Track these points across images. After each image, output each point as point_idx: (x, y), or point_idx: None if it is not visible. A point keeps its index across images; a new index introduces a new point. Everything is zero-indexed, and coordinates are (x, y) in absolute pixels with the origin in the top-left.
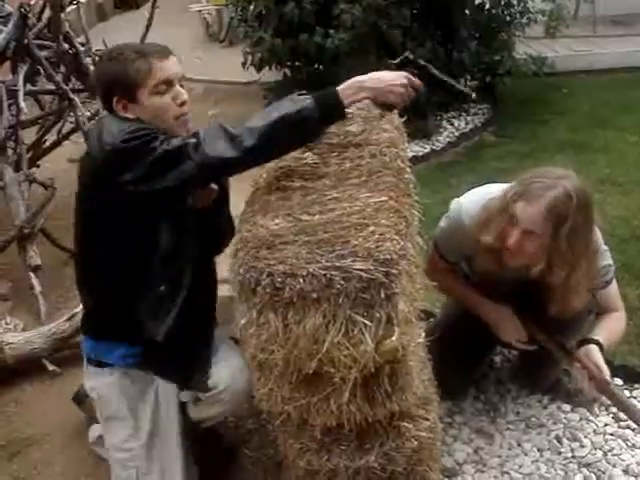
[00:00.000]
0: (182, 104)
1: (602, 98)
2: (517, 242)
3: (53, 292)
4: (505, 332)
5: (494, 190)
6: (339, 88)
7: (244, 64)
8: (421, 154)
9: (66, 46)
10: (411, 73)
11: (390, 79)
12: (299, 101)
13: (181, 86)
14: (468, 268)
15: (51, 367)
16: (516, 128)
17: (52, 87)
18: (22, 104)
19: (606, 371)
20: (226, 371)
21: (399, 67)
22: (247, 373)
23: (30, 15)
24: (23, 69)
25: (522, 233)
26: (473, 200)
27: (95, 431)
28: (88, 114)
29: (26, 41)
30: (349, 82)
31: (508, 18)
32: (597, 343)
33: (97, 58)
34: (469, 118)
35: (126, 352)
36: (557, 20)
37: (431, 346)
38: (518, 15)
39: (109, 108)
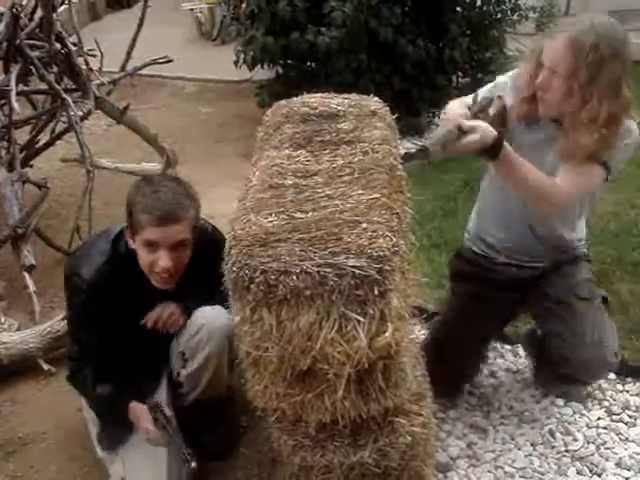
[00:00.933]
0: (160, 269)
1: None
2: (544, 81)
3: (47, 292)
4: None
5: None
6: None
7: (236, 62)
8: (413, 150)
9: (58, 46)
10: None
11: None
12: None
13: (183, 246)
14: None
15: (46, 366)
16: None
17: (44, 87)
18: (15, 104)
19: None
20: (200, 314)
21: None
22: (225, 314)
23: (22, 15)
24: (15, 69)
25: (549, 72)
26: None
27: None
28: (81, 114)
29: (18, 41)
30: None
31: (499, 15)
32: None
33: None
34: None
35: None
36: (548, 17)
37: (427, 346)
38: (509, 12)
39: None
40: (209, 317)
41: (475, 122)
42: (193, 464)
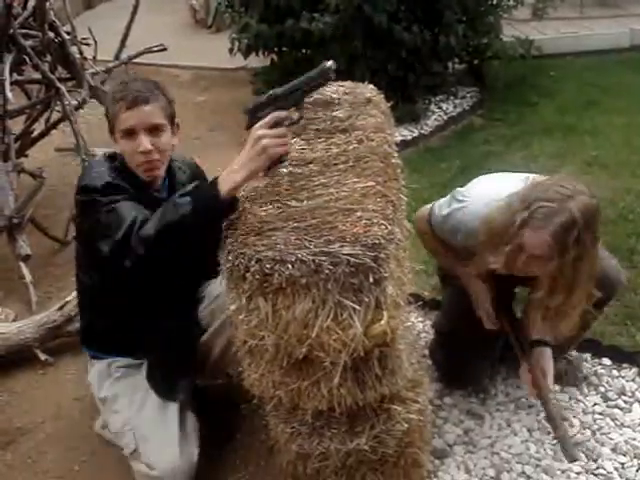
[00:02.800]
0: (143, 153)
1: (590, 80)
2: (524, 265)
3: (44, 281)
4: (477, 307)
5: (501, 191)
6: (219, 184)
7: (231, 50)
8: (410, 138)
9: (52, 35)
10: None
11: (252, 148)
12: (180, 207)
13: (159, 132)
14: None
15: (43, 356)
16: (504, 111)
17: (39, 76)
18: (9, 94)
19: (550, 379)
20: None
21: (252, 112)
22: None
23: (15, 4)
24: (9, 59)
25: (528, 257)
26: (479, 205)
27: (100, 420)
28: (75, 102)
29: (11, 30)
30: (223, 175)
31: (495, 1)
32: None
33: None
34: (457, 102)
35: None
36: (544, 2)
37: (441, 340)
38: None
39: None
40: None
41: None
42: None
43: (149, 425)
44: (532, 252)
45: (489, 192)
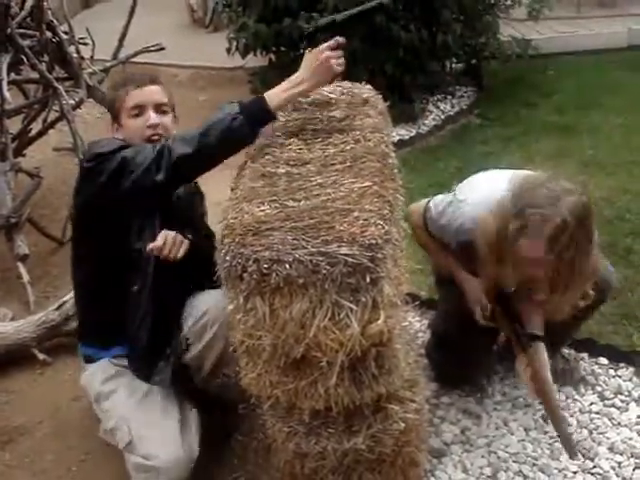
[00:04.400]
0: (150, 126)
1: (587, 80)
2: (526, 273)
3: (41, 281)
4: (470, 300)
5: (496, 189)
6: (270, 92)
7: (229, 50)
8: (407, 137)
9: (49, 35)
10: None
11: (312, 62)
12: (227, 108)
13: (164, 112)
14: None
15: (41, 356)
16: (502, 111)
17: (36, 76)
18: (6, 93)
19: (548, 373)
20: (203, 298)
21: (310, 35)
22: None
23: (12, 4)
24: (6, 58)
25: (529, 265)
26: (474, 203)
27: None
28: (73, 102)
29: (9, 30)
30: (283, 83)
31: (492, 0)
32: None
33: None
34: (455, 101)
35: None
36: (541, 2)
37: (437, 341)
38: None
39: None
40: (213, 301)
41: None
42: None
43: (149, 418)
44: (530, 261)
45: (484, 191)
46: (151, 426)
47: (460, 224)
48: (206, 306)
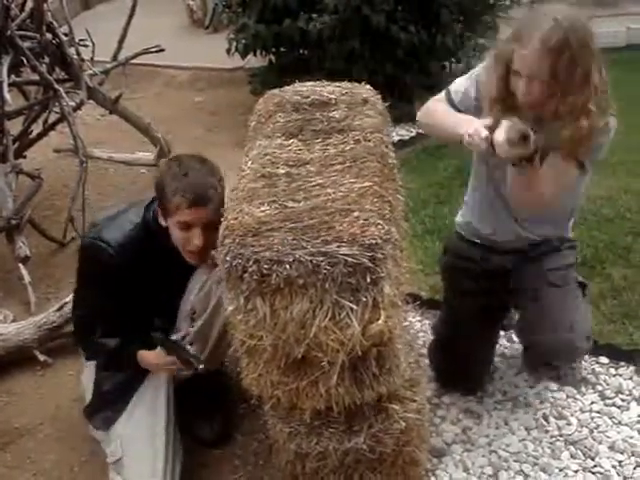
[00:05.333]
0: (192, 248)
1: None
2: (525, 88)
3: (42, 283)
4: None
5: None
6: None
7: (229, 51)
8: (407, 138)
9: (50, 36)
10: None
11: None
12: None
13: (210, 228)
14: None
15: (42, 357)
16: None
17: (36, 78)
18: (7, 95)
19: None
20: (202, 270)
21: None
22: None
23: (13, 6)
24: (7, 60)
25: (527, 80)
26: None
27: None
28: (73, 104)
29: (9, 32)
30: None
31: (492, 1)
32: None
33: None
34: None
35: None
36: (540, 1)
37: (439, 344)
38: None
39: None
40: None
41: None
42: (201, 366)
43: (135, 441)
44: (528, 72)
45: None
46: (139, 453)
47: (477, 74)
48: (202, 280)
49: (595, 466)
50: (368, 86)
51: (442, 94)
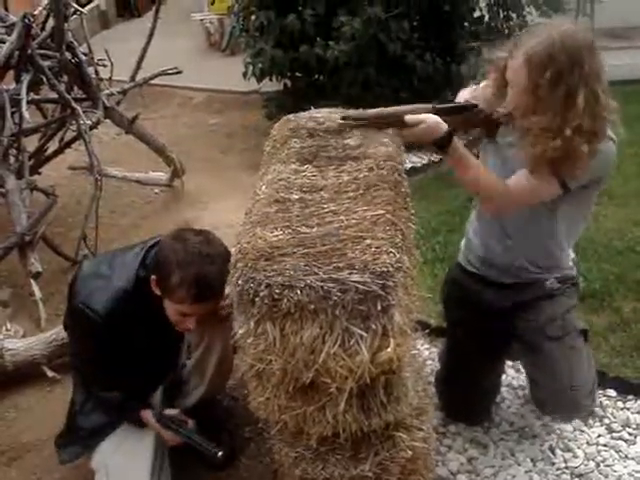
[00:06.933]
0: (184, 328)
1: None
2: (509, 100)
3: (53, 299)
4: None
5: None
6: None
7: (245, 74)
8: (419, 165)
9: (69, 55)
10: None
11: None
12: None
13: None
14: None
15: (51, 373)
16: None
17: (55, 96)
18: (25, 112)
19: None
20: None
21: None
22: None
23: (34, 25)
24: (26, 78)
25: (512, 91)
26: None
27: None
28: (90, 123)
29: (30, 51)
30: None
31: (507, 31)
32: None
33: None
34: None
35: None
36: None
37: (439, 377)
38: (517, 28)
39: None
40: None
41: (424, 116)
42: (220, 453)
43: (122, 469)
44: (511, 82)
45: None
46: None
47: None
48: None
49: None
50: None
51: None
